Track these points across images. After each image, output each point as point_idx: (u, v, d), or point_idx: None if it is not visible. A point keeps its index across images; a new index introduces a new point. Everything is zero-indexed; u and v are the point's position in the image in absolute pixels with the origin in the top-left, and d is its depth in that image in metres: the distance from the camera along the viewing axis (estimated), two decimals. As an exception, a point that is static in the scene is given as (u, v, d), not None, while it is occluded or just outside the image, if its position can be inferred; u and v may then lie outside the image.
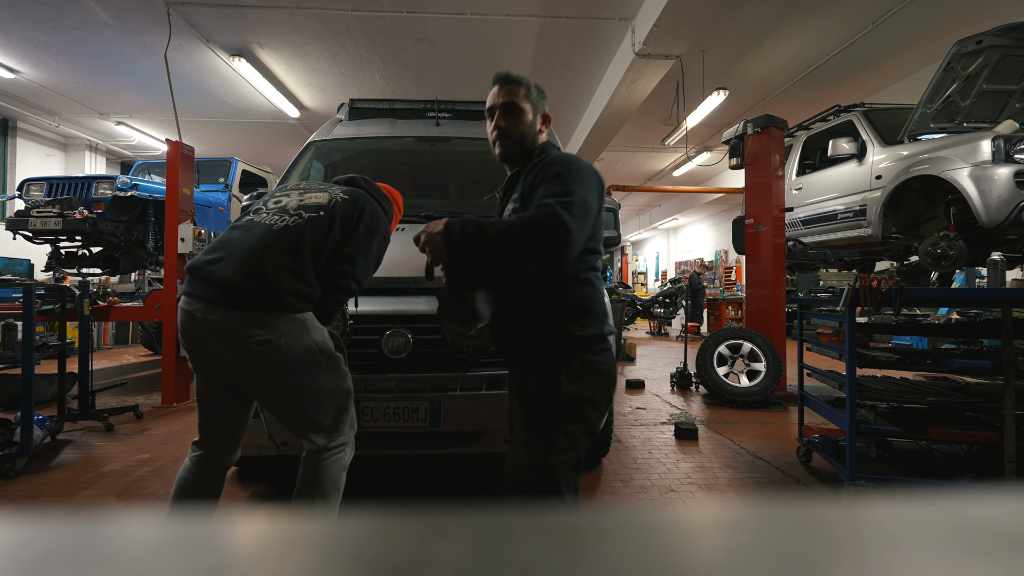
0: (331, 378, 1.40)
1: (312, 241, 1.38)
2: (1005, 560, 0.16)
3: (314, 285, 1.37)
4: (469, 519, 0.19)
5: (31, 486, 2.37)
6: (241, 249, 1.34)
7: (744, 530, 0.18)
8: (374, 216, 1.49)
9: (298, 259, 1.35)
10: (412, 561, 0.16)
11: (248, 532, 0.19)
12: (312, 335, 1.37)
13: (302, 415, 1.39)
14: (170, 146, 4.12)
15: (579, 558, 0.16)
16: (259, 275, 1.30)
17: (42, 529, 0.18)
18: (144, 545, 0.17)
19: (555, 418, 1.09)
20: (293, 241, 1.36)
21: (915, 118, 3.77)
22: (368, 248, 1.47)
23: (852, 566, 0.16)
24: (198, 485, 1.43)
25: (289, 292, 1.32)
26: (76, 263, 5.44)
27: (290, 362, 1.32)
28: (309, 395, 1.37)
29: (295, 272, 1.34)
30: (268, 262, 1.32)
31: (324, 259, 1.41)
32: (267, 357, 1.30)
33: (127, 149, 9.43)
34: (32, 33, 5.36)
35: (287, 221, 1.40)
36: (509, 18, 5.11)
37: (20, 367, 2.64)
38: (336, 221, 1.42)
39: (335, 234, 1.41)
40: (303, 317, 1.36)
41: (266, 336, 1.29)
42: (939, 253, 3.59)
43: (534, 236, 1.00)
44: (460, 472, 2.54)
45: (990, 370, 2.12)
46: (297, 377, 1.34)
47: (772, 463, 2.71)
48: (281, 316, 1.32)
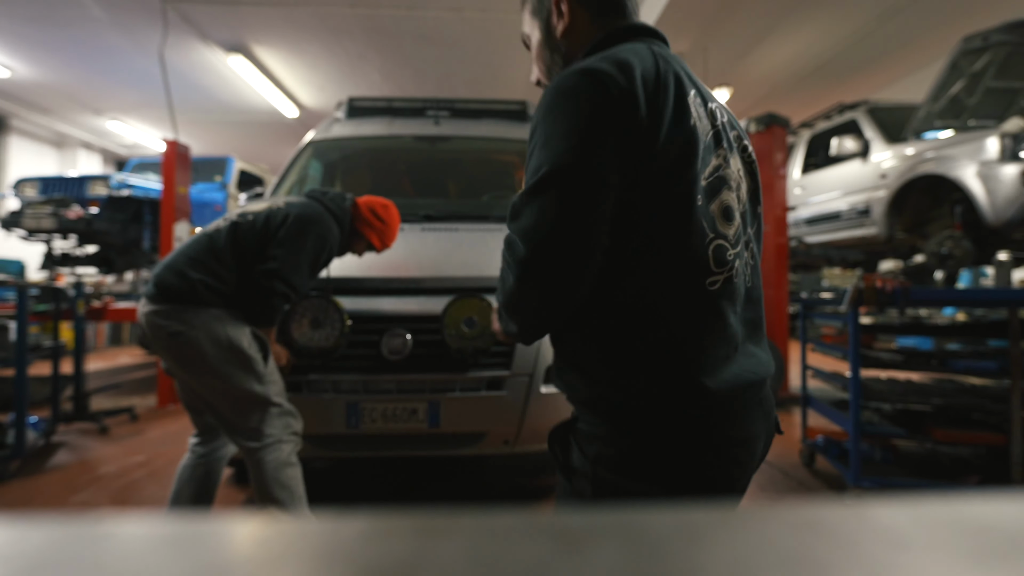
0: (245, 378, 1.42)
1: (233, 240, 1.47)
2: (1012, 563, 0.16)
3: (226, 280, 1.44)
4: (468, 519, 0.19)
5: (25, 489, 2.34)
6: (177, 250, 1.51)
7: (746, 530, 0.18)
8: (302, 217, 1.52)
9: (213, 255, 1.45)
10: (412, 561, 0.16)
11: (247, 532, 0.19)
12: (224, 330, 1.41)
13: (223, 414, 1.45)
14: (166, 145, 4.08)
15: (579, 558, 0.16)
16: (175, 269, 1.43)
17: (35, 532, 0.18)
18: (140, 547, 0.17)
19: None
20: (212, 238, 1.48)
21: (920, 116, 3.74)
22: (295, 245, 1.49)
23: (856, 567, 0.16)
24: (196, 475, 1.55)
25: (199, 282, 1.40)
26: (70, 263, 5.39)
27: (201, 356, 1.38)
28: (226, 392, 1.42)
29: (206, 265, 1.43)
30: (183, 256, 1.45)
31: (251, 259, 1.47)
32: (180, 349, 1.39)
33: (122, 147, 9.38)
34: (25, 30, 5.30)
35: (218, 225, 1.52)
36: (509, 15, 5.07)
37: (13, 368, 2.61)
38: (262, 223, 1.50)
39: (257, 233, 1.49)
40: (217, 312, 1.42)
41: (177, 327, 1.38)
42: (945, 253, 3.56)
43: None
44: (460, 473, 2.51)
45: (996, 371, 2.10)
46: (210, 372, 1.40)
47: (775, 465, 2.69)
48: (194, 309, 1.40)
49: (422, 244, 2.03)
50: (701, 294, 0.62)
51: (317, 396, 1.77)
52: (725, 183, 0.65)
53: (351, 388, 1.78)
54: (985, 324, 2.48)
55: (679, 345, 0.61)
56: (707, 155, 0.63)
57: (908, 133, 3.98)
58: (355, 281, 1.87)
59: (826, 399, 2.55)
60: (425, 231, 2.12)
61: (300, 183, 2.68)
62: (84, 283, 3.61)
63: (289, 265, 1.47)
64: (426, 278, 1.86)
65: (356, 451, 1.86)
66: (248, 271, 1.47)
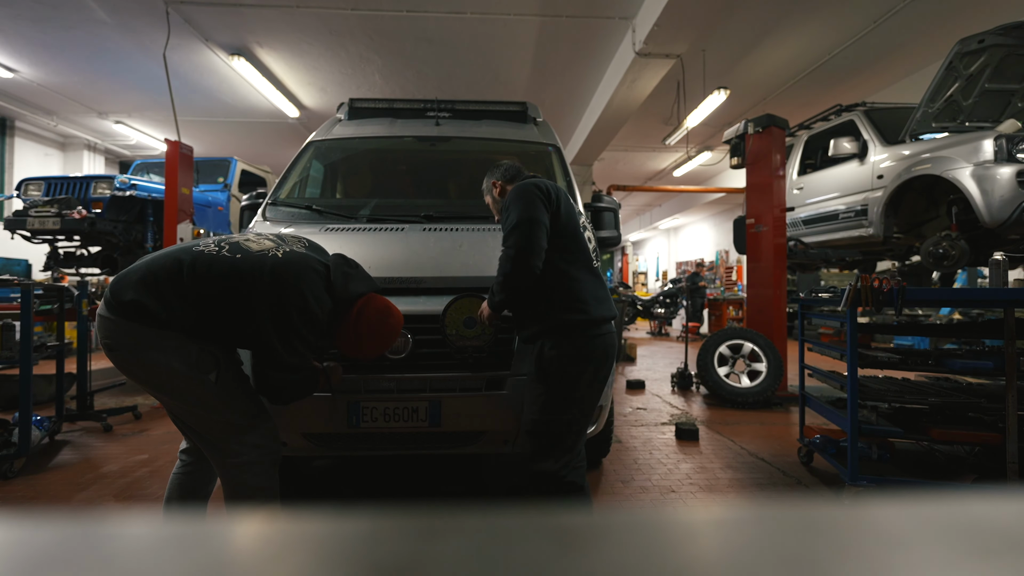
0: (200, 405, 1.36)
1: (195, 265, 1.33)
2: (1007, 561, 0.16)
3: (186, 311, 1.31)
4: (469, 519, 0.19)
5: (29, 487, 2.36)
6: (143, 263, 1.43)
7: (745, 530, 0.18)
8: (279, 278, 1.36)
9: (169, 277, 1.32)
10: (412, 561, 0.16)
11: (247, 532, 0.19)
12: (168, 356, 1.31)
13: (187, 426, 1.42)
14: (169, 145, 4.10)
15: (579, 558, 0.16)
16: (141, 286, 1.34)
17: (40, 530, 0.18)
18: (143, 545, 0.17)
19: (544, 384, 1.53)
20: (180, 262, 1.35)
21: (917, 117, 3.76)
22: (285, 326, 1.34)
23: (854, 566, 0.16)
24: (185, 485, 1.49)
25: (158, 306, 1.30)
26: (75, 263, 5.42)
27: (156, 377, 1.34)
28: (177, 413, 1.41)
29: (169, 291, 1.32)
30: (148, 273, 1.35)
31: (212, 302, 1.33)
32: (128, 366, 1.35)
33: (126, 148, 9.41)
34: (30, 32, 5.34)
35: (206, 248, 1.39)
36: (509, 17, 5.09)
37: (18, 367, 2.63)
38: (228, 268, 1.35)
39: (224, 276, 1.34)
40: (166, 334, 1.31)
41: (127, 343, 1.34)
42: (941, 253, 3.58)
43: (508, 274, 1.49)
44: (460, 472, 2.53)
45: (992, 370, 2.11)
46: (168, 395, 1.38)
47: (773, 464, 2.70)
48: (146, 329, 1.31)
49: (423, 244, 2.05)
50: (591, 271, 1.55)
51: (318, 395, 1.79)
52: (586, 228, 1.63)
53: (352, 387, 1.79)
54: (981, 324, 2.50)
55: (580, 296, 1.49)
56: (579, 216, 1.62)
57: (905, 134, 4.00)
58: None
59: (824, 398, 2.56)
60: (426, 231, 2.13)
61: (302, 184, 2.71)
62: (88, 283, 3.64)
63: (284, 345, 1.34)
64: (426, 278, 1.87)
65: (357, 450, 1.87)
66: (210, 311, 1.34)
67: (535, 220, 1.43)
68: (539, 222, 1.43)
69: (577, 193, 2.50)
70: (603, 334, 1.49)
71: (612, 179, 11.19)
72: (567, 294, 1.48)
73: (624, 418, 3.68)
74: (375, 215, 2.34)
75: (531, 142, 2.86)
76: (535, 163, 2.94)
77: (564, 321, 1.46)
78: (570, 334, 1.46)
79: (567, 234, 1.51)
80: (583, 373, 1.46)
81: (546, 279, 1.48)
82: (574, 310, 1.46)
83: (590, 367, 1.47)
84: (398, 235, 2.10)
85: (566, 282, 1.48)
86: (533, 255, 1.42)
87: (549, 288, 1.49)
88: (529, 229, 1.42)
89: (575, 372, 1.45)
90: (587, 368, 1.47)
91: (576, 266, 1.50)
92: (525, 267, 1.43)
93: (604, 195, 2.67)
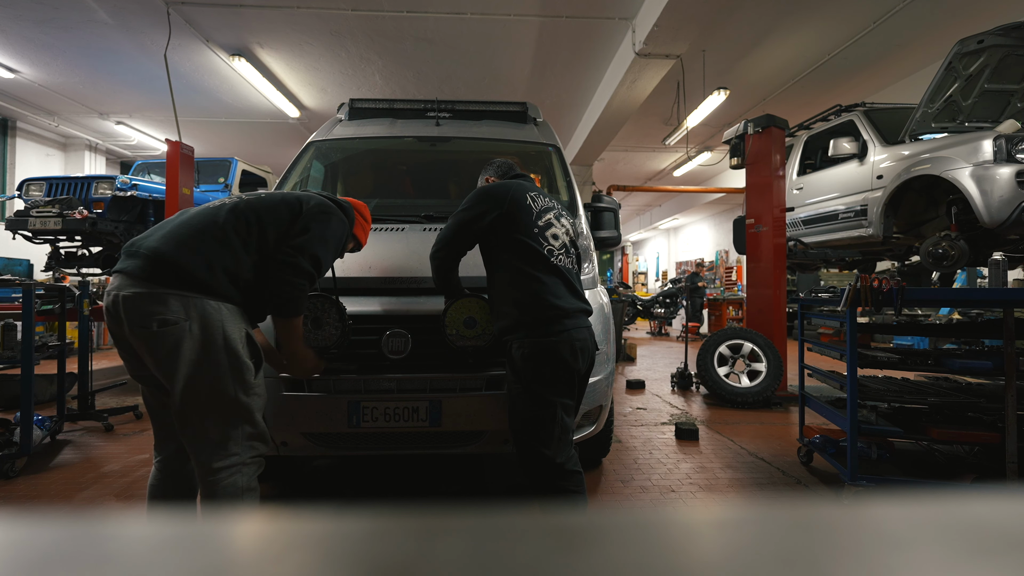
0: (229, 383, 1.26)
1: (258, 221, 1.35)
2: (1007, 561, 0.16)
3: (243, 265, 1.30)
4: (469, 519, 0.19)
5: (31, 486, 2.37)
6: (176, 223, 1.31)
7: (745, 530, 0.18)
8: (323, 202, 1.49)
9: (241, 233, 1.32)
10: (412, 561, 0.16)
11: (248, 532, 0.19)
12: (224, 327, 1.25)
13: (188, 419, 1.26)
14: (170, 146, 4.11)
15: (579, 558, 0.16)
16: (188, 246, 1.25)
17: (42, 529, 0.18)
18: (143, 546, 0.17)
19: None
20: (240, 214, 1.34)
21: (916, 118, 3.76)
22: (322, 224, 1.42)
23: (853, 566, 0.16)
24: (166, 492, 1.39)
25: (219, 268, 1.26)
26: (76, 263, 5.43)
27: (186, 349, 1.22)
28: (199, 394, 1.24)
29: (223, 248, 1.28)
30: (190, 232, 1.28)
31: (272, 244, 1.36)
32: (163, 339, 1.20)
33: (127, 149, 9.42)
34: (31, 33, 5.35)
35: (235, 200, 1.40)
36: (509, 18, 5.10)
37: (20, 367, 2.64)
38: (284, 205, 1.43)
39: (282, 215, 1.40)
40: (220, 305, 1.26)
41: (169, 316, 1.20)
42: (940, 253, 3.58)
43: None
44: (460, 472, 2.53)
45: (991, 370, 2.11)
46: (190, 369, 1.22)
47: (773, 463, 2.71)
48: (197, 298, 1.23)
49: (423, 244, 2.05)
50: (548, 269, 1.56)
51: (319, 394, 1.79)
52: (551, 227, 1.61)
53: (352, 387, 1.80)
54: (980, 324, 2.50)
55: (536, 295, 1.53)
56: (540, 216, 1.61)
57: (904, 135, 4.00)
58: (356, 281, 1.89)
59: (823, 398, 2.57)
60: (426, 231, 2.14)
61: (302, 184, 2.72)
62: (89, 283, 3.65)
63: (318, 240, 1.39)
64: (427, 278, 1.88)
65: (357, 449, 1.87)
66: (261, 256, 1.34)
67: (461, 222, 1.60)
68: (464, 224, 1.60)
69: (577, 193, 2.50)
70: (565, 330, 1.51)
71: (612, 179, 11.20)
72: (525, 293, 1.53)
73: (624, 418, 3.69)
74: (375, 215, 2.34)
75: (531, 142, 2.86)
76: (535, 163, 2.94)
77: (522, 320, 1.52)
78: (531, 332, 1.51)
79: (527, 233, 1.56)
80: (546, 369, 1.49)
81: (507, 279, 1.56)
82: (531, 308, 1.51)
83: (553, 363, 1.49)
84: (398, 235, 2.11)
85: (524, 281, 1.54)
86: (441, 250, 1.63)
87: (510, 288, 1.56)
88: (448, 230, 1.61)
89: (539, 368, 1.49)
90: (550, 364, 1.49)
91: (534, 266, 1.54)
92: (432, 261, 1.66)
93: (604, 195, 2.67)
